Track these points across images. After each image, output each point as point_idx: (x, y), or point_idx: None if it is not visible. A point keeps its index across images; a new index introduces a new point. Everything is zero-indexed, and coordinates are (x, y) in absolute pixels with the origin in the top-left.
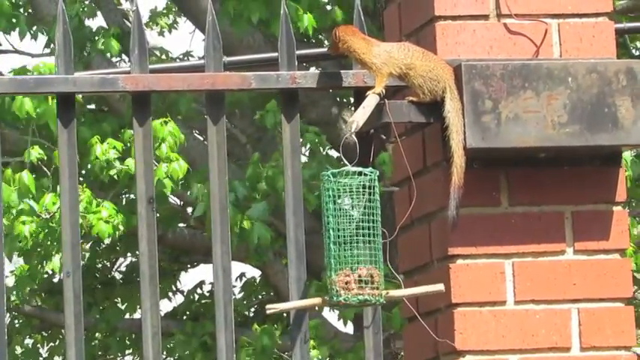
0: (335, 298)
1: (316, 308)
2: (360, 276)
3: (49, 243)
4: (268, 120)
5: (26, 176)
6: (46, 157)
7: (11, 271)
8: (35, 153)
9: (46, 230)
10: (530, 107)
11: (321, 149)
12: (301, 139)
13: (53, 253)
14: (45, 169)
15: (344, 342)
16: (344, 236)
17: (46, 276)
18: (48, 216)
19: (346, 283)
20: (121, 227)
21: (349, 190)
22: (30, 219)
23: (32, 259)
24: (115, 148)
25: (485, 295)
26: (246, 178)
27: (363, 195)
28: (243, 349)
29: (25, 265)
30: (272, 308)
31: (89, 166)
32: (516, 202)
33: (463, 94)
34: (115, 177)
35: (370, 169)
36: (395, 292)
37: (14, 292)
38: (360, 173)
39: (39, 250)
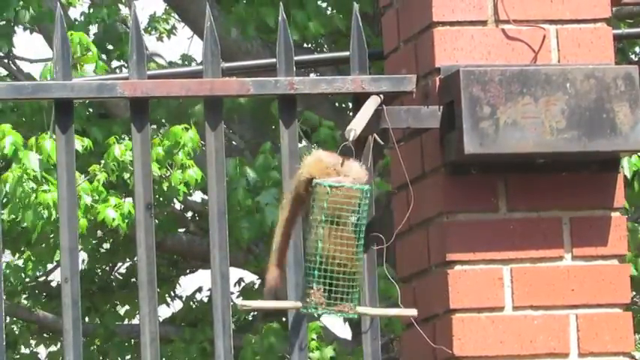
0: (310, 310)
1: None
2: (336, 289)
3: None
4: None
5: (49, 145)
6: None
7: (19, 257)
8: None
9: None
10: (528, 113)
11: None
12: (314, 133)
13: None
14: None
15: (342, 347)
16: (328, 249)
17: (50, 266)
18: None
19: (324, 294)
20: (131, 213)
21: (340, 205)
22: (53, 188)
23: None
24: (132, 150)
25: (484, 300)
26: (256, 167)
27: (354, 211)
28: (249, 346)
29: (33, 251)
30: (245, 305)
31: (102, 162)
32: (514, 208)
33: (461, 99)
34: (128, 181)
35: (367, 186)
36: (368, 311)
37: (25, 271)
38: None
39: (51, 237)
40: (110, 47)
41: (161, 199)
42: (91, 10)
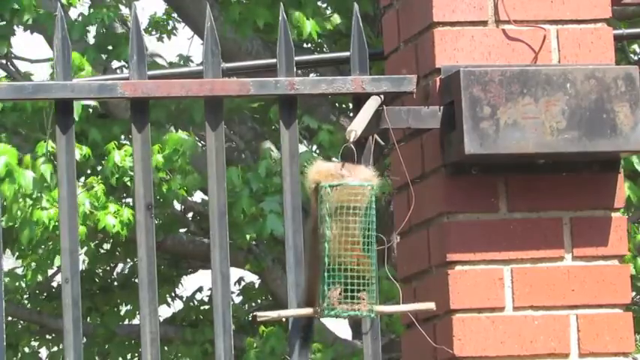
0: (326, 312)
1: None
2: (352, 290)
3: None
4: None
5: (44, 165)
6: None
7: (20, 266)
8: (49, 147)
9: (56, 223)
10: (528, 113)
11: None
12: (314, 137)
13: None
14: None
15: (343, 348)
16: (337, 248)
17: (51, 271)
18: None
19: (338, 297)
20: (130, 220)
21: (343, 203)
22: (49, 206)
23: (39, 253)
24: (132, 155)
25: (484, 301)
26: (258, 173)
27: (360, 208)
28: (251, 350)
29: (33, 256)
30: (263, 316)
31: (99, 168)
32: (515, 208)
33: (462, 100)
34: (128, 184)
35: (368, 183)
36: (386, 308)
37: (23, 280)
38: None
39: (48, 244)
40: (110, 48)
41: (161, 200)
42: (91, 11)
